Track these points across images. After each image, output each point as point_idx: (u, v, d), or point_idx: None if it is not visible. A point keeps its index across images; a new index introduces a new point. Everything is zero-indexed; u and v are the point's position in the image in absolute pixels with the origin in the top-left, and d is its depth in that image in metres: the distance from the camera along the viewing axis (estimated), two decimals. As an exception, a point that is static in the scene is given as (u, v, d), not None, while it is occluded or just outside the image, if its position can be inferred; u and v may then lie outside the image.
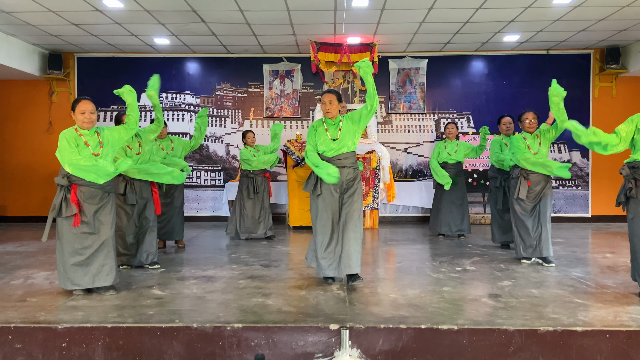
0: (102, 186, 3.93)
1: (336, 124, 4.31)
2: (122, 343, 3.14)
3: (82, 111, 3.89)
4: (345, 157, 4.27)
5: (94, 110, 3.94)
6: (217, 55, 9.26)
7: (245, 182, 6.93)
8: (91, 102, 3.95)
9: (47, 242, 6.84)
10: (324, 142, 4.30)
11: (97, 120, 4.09)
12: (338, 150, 4.27)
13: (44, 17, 7.13)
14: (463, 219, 6.93)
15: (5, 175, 9.31)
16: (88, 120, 3.91)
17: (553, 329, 3.10)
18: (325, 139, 4.30)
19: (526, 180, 5.12)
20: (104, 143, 3.99)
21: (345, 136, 4.27)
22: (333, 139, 4.27)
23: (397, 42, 8.59)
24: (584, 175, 9.19)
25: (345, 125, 4.29)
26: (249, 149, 6.97)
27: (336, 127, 4.30)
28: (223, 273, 4.79)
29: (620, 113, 9.06)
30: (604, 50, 8.91)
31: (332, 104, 4.29)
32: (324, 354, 3.12)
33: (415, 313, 3.42)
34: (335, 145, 4.27)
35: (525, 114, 5.24)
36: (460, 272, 4.79)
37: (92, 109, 3.93)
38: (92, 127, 3.97)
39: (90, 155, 3.89)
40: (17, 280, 4.51)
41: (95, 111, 3.96)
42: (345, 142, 4.27)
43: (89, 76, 9.24)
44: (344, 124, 4.30)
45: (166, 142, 6.15)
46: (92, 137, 3.96)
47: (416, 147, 9.27)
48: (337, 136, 4.27)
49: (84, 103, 3.91)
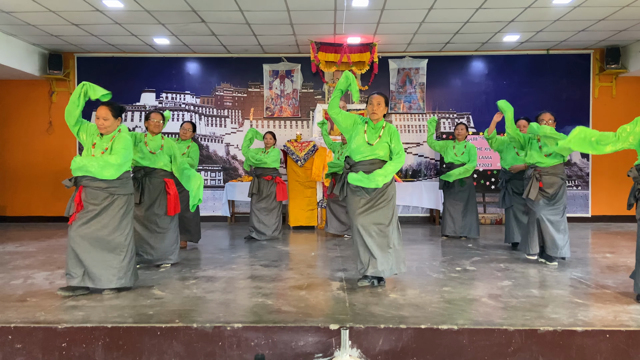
0: (105, 188, 3.91)
1: (377, 130, 4.19)
2: (122, 343, 3.14)
3: (97, 117, 3.98)
4: (372, 163, 4.14)
5: (107, 117, 3.96)
6: (217, 55, 9.26)
7: (255, 182, 6.98)
8: (106, 108, 3.98)
9: (47, 242, 6.89)
10: (358, 142, 4.17)
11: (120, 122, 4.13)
12: (369, 156, 4.14)
13: (44, 17, 7.13)
14: (468, 221, 6.86)
15: (5, 175, 9.31)
16: (101, 127, 3.97)
17: (553, 329, 3.10)
18: (360, 139, 4.17)
19: (538, 181, 5.06)
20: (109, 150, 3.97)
21: (381, 145, 4.14)
22: (369, 142, 4.15)
23: (397, 42, 8.59)
24: (584, 175, 9.19)
25: (385, 135, 4.17)
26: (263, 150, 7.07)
27: (377, 132, 4.17)
28: (223, 273, 4.79)
29: (620, 113, 9.09)
30: (604, 50, 8.91)
31: (379, 105, 4.16)
32: (324, 354, 3.12)
33: (415, 313, 3.42)
34: (368, 150, 4.14)
35: (543, 115, 5.13)
36: (460, 272, 4.79)
37: (105, 115, 3.96)
38: (106, 132, 4.00)
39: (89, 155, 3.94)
40: (17, 280, 4.51)
41: (109, 117, 3.97)
42: (378, 150, 4.14)
43: (89, 76, 9.17)
44: (384, 133, 4.18)
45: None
46: (102, 142, 3.99)
47: (416, 147, 9.27)
48: (374, 142, 4.14)
49: (99, 109, 3.98)
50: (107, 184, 3.93)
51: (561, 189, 5.11)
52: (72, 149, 9.25)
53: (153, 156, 4.97)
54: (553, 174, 5.08)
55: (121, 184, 4.00)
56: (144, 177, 4.92)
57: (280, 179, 7.07)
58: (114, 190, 3.96)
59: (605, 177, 9.10)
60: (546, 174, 5.08)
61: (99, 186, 3.90)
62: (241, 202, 9.22)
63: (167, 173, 5.03)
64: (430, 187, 8.56)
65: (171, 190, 4.98)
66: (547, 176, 5.07)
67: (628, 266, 5.04)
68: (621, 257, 5.53)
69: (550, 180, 5.07)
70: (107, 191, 3.93)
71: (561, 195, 5.11)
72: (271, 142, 7.04)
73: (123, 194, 4.02)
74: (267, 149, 7.04)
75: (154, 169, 4.96)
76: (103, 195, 3.93)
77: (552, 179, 5.07)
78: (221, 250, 6.17)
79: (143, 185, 4.89)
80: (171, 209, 4.98)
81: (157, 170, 4.97)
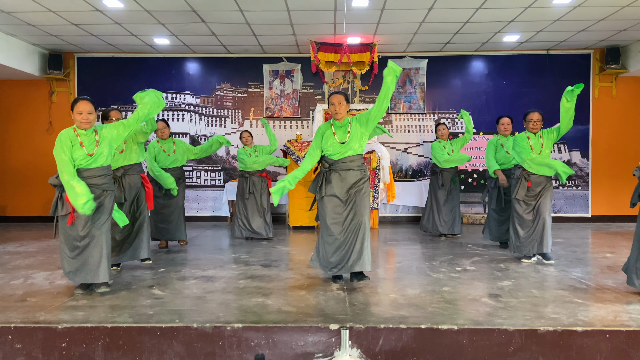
0: (98, 185, 3.92)
1: (344, 127, 4.24)
2: (122, 343, 3.14)
3: (80, 111, 3.90)
4: (351, 160, 4.21)
5: (91, 111, 3.94)
6: (217, 55, 9.26)
7: (241, 183, 6.94)
8: (89, 103, 3.94)
9: (47, 242, 6.89)
10: (332, 145, 4.23)
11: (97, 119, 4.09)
12: (344, 154, 4.21)
13: (44, 17, 7.13)
14: (452, 219, 6.98)
15: (5, 175, 9.31)
16: (85, 121, 3.91)
17: (553, 329, 3.10)
18: (333, 142, 4.23)
19: (527, 181, 5.16)
20: (100, 142, 3.97)
21: (353, 139, 4.21)
22: (341, 142, 4.20)
23: (397, 42, 8.59)
24: (584, 175, 9.19)
25: (353, 127, 4.23)
26: (245, 148, 6.97)
27: (345, 129, 4.24)
28: (223, 273, 4.79)
29: (620, 113, 9.09)
30: (604, 50, 8.91)
31: (341, 104, 4.22)
32: (324, 354, 3.12)
33: (415, 313, 3.42)
34: (342, 149, 4.21)
35: (531, 114, 5.22)
36: (460, 272, 4.79)
37: (90, 109, 3.93)
38: (90, 127, 3.96)
39: (85, 156, 3.89)
40: (17, 280, 4.51)
41: (93, 111, 3.95)
42: (352, 145, 4.21)
43: (89, 76, 9.24)
44: (353, 127, 4.23)
45: (168, 143, 6.15)
46: (88, 137, 3.95)
47: (416, 147, 9.27)
48: (346, 139, 4.20)
49: (82, 103, 3.92)
50: (103, 179, 3.94)
51: (547, 187, 5.18)
52: (72, 149, 9.25)
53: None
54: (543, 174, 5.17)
55: (110, 179, 4.06)
56: (122, 176, 4.92)
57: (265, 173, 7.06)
58: (107, 187, 3.99)
59: (605, 177, 9.10)
60: (534, 174, 5.16)
61: (96, 183, 3.91)
62: (241, 202, 9.22)
63: (141, 169, 5.14)
64: (430, 187, 8.56)
65: (148, 185, 5.10)
66: (535, 176, 5.16)
67: (628, 266, 5.04)
68: (621, 257, 5.53)
69: (538, 180, 5.16)
70: (102, 187, 3.95)
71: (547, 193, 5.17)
72: (250, 139, 7.00)
73: (112, 189, 4.07)
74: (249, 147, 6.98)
75: (131, 166, 4.99)
76: (98, 191, 3.93)
77: (540, 178, 5.16)
78: (221, 250, 6.17)
79: (123, 185, 4.90)
80: (149, 203, 5.10)
81: (134, 166, 5.02)
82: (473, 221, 8.83)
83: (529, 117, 5.24)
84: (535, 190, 5.17)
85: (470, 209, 9.22)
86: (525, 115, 5.30)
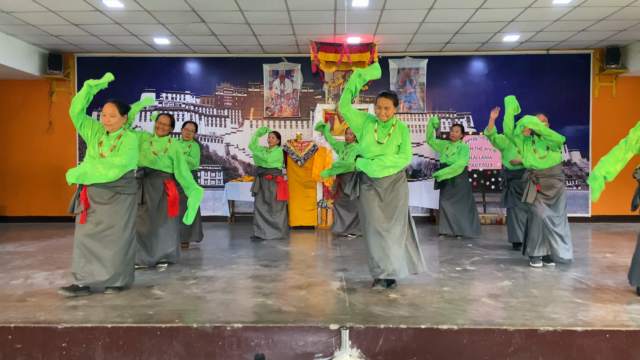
0: (111, 186, 3.90)
1: (387, 128, 4.14)
2: (122, 343, 3.14)
3: (103, 114, 3.96)
4: None
5: (114, 114, 3.95)
6: (217, 55, 9.26)
7: (258, 182, 6.99)
8: (112, 105, 3.97)
9: (47, 242, 6.89)
10: (368, 140, 4.12)
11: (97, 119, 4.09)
12: (379, 154, 4.09)
13: (44, 17, 7.13)
14: (465, 221, 6.89)
15: (5, 175, 9.31)
16: (107, 123, 3.95)
17: (553, 329, 3.10)
18: (371, 138, 4.12)
19: (535, 184, 5.02)
20: (116, 149, 3.95)
21: (392, 142, 4.10)
22: (379, 141, 4.10)
23: (397, 42, 8.59)
24: (583, 175, 9.19)
25: (395, 132, 4.12)
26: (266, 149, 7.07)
27: (387, 130, 4.13)
28: (223, 273, 4.79)
29: (620, 113, 9.09)
30: (604, 50, 8.91)
31: (388, 109, 4.07)
32: (324, 354, 3.12)
33: (415, 313, 3.42)
34: (378, 149, 4.10)
35: (537, 116, 5.11)
36: (460, 272, 4.79)
37: (112, 112, 3.95)
38: (112, 130, 3.97)
39: (97, 153, 3.92)
40: (17, 280, 4.51)
41: (117, 114, 3.97)
42: (388, 149, 4.08)
43: (89, 76, 9.03)
44: (395, 131, 4.12)
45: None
46: (109, 140, 3.96)
47: (416, 147, 9.26)
48: (384, 141, 4.10)
49: (106, 106, 3.98)
50: (113, 182, 3.92)
51: (561, 190, 5.04)
52: (72, 149, 9.25)
53: (155, 157, 4.94)
54: (550, 175, 5.02)
55: (126, 182, 4.00)
56: (144, 177, 4.92)
57: (282, 178, 7.06)
58: (120, 190, 3.94)
59: (605, 177, 9.09)
60: (543, 177, 5.02)
61: (105, 184, 3.89)
62: (241, 202, 9.22)
63: (168, 175, 5.02)
64: (430, 187, 8.55)
65: (171, 192, 4.97)
66: (543, 178, 5.01)
67: (628, 266, 5.02)
68: (621, 257, 5.53)
69: (547, 183, 5.01)
70: (114, 190, 3.92)
71: (560, 197, 5.04)
72: (274, 141, 7.02)
73: (128, 193, 4.01)
74: (270, 148, 7.04)
75: (153, 170, 4.95)
76: (109, 193, 3.91)
77: (549, 180, 5.01)
78: (221, 250, 6.17)
79: (144, 186, 4.89)
80: (170, 210, 4.97)
81: (158, 171, 4.97)
82: None
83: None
84: (548, 193, 5.00)
85: None
86: None
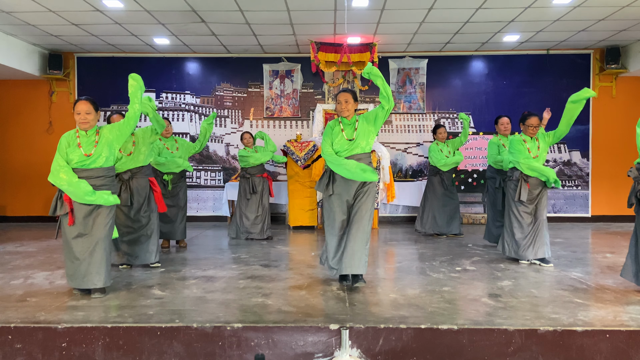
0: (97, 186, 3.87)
1: (352, 124, 4.24)
2: (122, 343, 3.14)
3: (78, 112, 3.90)
4: (359, 158, 4.19)
5: (90, 111, 3.91)
6: (217, 55, 9.26)
7: (243, 183, 6.95)
8: (87, 103, 3.92)
9: (47, 242, 6.89)
10: (339, 142, 4.23)
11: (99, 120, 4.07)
12: (352, 151, 4.20)
13: (44, 17, 7.13)
14: (451, 219, 7.04)
15: (5, 175, 9.31)
16: (83, 121, 3.90)
17: (553, 329, 3.10)
18: (341, 139, 4.23)
19: (526, 182, 5.08)
20: (99, 142, 3.94)
21: (361, 136, 4.21)
22: (349, 139, 4.21)
23: (397, 42, 8.59)
24: (583, 175, 9.19)
25: (361, 125, 4.23)
26: (246, 149, 6.99)
27: (352, 127, 4.24)
28: (223, 273, 4.79)
29: (620, 113, 9.09)
30: (604, 50, 8.91)
31: (347, 103, 4.22)
32: (324, 354, 3.12)
33: (415, 313, 3.42)
34: (350, 146, 4.20)
35: (530, 119, 5.09)
36: (460, 272, 4.79)
37: (88, 109, 3.91)
38: (90, 127, 3.94)
39: (82, 156, 3.87)
40: (17, 280, 4.51)
41: (92, 112, 3.93)
42: (359, 142, 4.21)
43: (89, 76, 9.24)
44: (360, 124, 4.23)
45: (170, 141, 6.14)
46: (87, 138, 3.93)
47: (416, 147, 9.27)
48: (353, 136, 4.21)
49: (80, 104, 3.92)
50: (102, 180, 3.91)
51: (543, 190, 5.14)
52: (72, 149, 9.25)
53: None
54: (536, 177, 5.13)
55: (112, 180, 4.02)
56: (130, 179, 4.87)
57: (267, 174, 7.08)
58: (107, 188, 3.93)
59: (605, 177, 9.10)
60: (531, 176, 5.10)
61: (95, 184, 3.87)
62: (241, 202, 9.22)
63: (150, 171, 5.08)
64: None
65: (156, 188, 5.04)
66: (533, 178, 5.10)
67: (628, 266, 5.04)
68: (621, 257, 5.52)
69: (535, 182, 5.11)
70: (101, 189, 3.90)
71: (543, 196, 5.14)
72: (251, 140, 7.04)
73: (113, 192, 4.00)
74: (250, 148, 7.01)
75: (139, 169, 4.93)
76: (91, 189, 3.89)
77: (537, 180, 5.11)
78: (221, 250, 6.17)
79: (131, 188, 4.85)
80: (160, 206, 5.03)
81: (143, 169, 4.96)
82: (473, 221, 8.83)
83: (529, 121, 5.10)
84: (533, 193, 5.11)
85: (470, 209, 9.23)
86: (524, 118, 5.15)
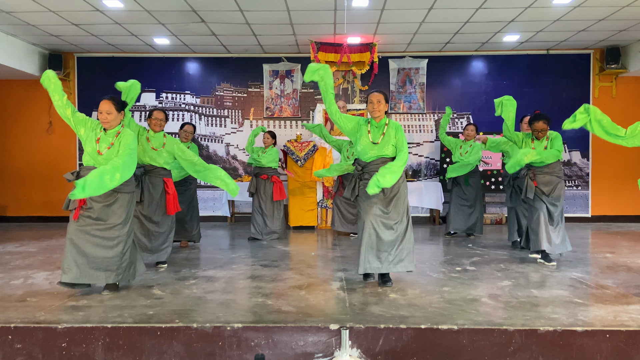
0: None
1: (380, 128, 4.15)
2: (122, 343, 3.14)
3: (100, 111, 3.94)
4: (383, 162, 4.09)
5: (110, 111, 3.93)
6: (217, 55, 9.26)
7: (254, 182, 7.00)
8: (109, 102, 3.94)
9: (47, 242, 6.89)
10: (363, 143, 4.14)
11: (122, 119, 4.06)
12: (376, 155, 4.12)
13: (44, 17, 7.13)
14: (472, 219, 7.03)
15: (5, 175, 9.31)
16: (104, 121, 3.93)
17: (553, 329, 3.10)
18: (365, 141, 4.14)
19: (532, 180, 5.13)
20: (114, 145, 3.92)
21: (387, 142, 4.11)
22: (374, 142, 4.11)
23: (397, 42, 8.59)
24: (583, 175, 9.19)
25: (389, 131, 4.14)
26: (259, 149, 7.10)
27: (380, 130, 4.14)
28: (223, 273, 4.79)
29: (620, 113, 9.06)
30: (604, 50, 8.91)
31: (380, 103, 4.12)
32: (324, 354, 3.12)
33: (415, 313, 3.42)
34: (374, 150, 4.11)
35: (535, 124, 5.09)
36: (460, 272, 4.79)
37: (109, 109, 3.92)
38: (110, 127, 3.95)
39: (95, 152, 3.88)
40: (17, 280, 4.51)
41: (113, 111, 3.94)
42: (384, 148, 4.11)
43: (89, 76, 9.24)
44: (388, 130, 4.14)
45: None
46: (106, 137, 3.94)
47: (416, 147, 9.27)
48: (379, 140, 4.11)
49: (101, 103, 3.94)
50: None
51: (558, 187, 5.13)
52: (72, 149, 9.25)
53: (155, 153, 4.89)
54: (547, 172, 5.13)
55: (128, 181, 3.98)
56: (143, 175, 4.87)
57: (277, 178, 7.06)
58: (118, 188, 3.89)
59: (605, 177, 9.10)
60: (540, 173, 5.13)
61: None
62: (241, 202, 9.23)
63: (167, 172, 5.01)
64: (430, 187, 8.56)
65: (170, 190, 4.97)
66: (541, 175, 5.12)
67: (628, 266, 5.05)
68: (621, 257, 5.53)
69: (545, 179, 5.11)
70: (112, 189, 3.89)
71: (559, 193, 5.14)
72: (269, 141, 7.02)
73: (126, 192, 4.00)
74: (265, 148, 7.04)
75: (154, 167, 4.91)
76: (108, 192, 3.87)
77: (547, 177, 5.12)
78: (221, 250, 6.17)
79: (143, 184, 4.85)
80: (170, 208, 4.96)
81: (158, 169, 4.93)
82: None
83: (535, 126, 5.10)
84: (545, 189, 5.08)
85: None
86: (530, 122, 5.16)
